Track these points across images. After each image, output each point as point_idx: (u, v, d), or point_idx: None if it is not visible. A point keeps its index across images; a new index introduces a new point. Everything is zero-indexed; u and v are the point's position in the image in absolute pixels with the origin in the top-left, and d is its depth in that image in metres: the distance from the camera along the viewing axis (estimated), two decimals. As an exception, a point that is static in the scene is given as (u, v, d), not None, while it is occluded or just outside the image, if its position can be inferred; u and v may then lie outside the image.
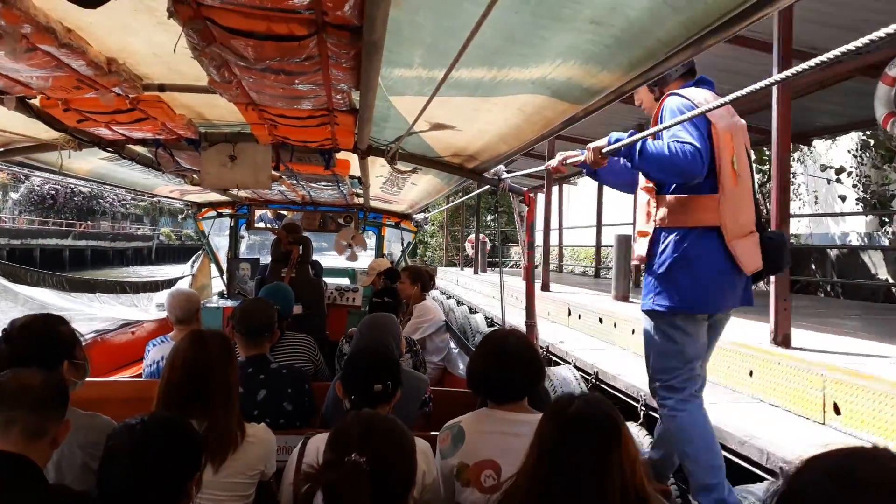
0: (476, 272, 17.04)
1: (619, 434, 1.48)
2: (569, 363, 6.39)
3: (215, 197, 6.45)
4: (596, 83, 2.06)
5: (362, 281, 6.44)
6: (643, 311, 2.99)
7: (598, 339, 7.26)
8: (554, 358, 6.89)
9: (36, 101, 2.60)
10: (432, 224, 26.00)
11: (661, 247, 2.85)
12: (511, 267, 21.00)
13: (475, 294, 13.91)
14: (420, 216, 7.43)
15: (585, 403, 1.54)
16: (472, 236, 20.10)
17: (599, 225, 15.31)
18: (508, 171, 3.78)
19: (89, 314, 5.05)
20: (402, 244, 7.92)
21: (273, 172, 3.78)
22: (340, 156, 3.69)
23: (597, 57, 1.86)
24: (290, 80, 2.00)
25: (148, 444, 1.47)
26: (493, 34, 1.67)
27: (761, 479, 3.30)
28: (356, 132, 2.91)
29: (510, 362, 2.18)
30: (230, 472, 2.08)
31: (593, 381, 5.73)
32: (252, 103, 2.43)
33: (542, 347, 6.97)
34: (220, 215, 7.12)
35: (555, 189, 15.36)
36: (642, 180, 2.96)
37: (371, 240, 7.58)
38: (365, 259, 7.33)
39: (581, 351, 6.52)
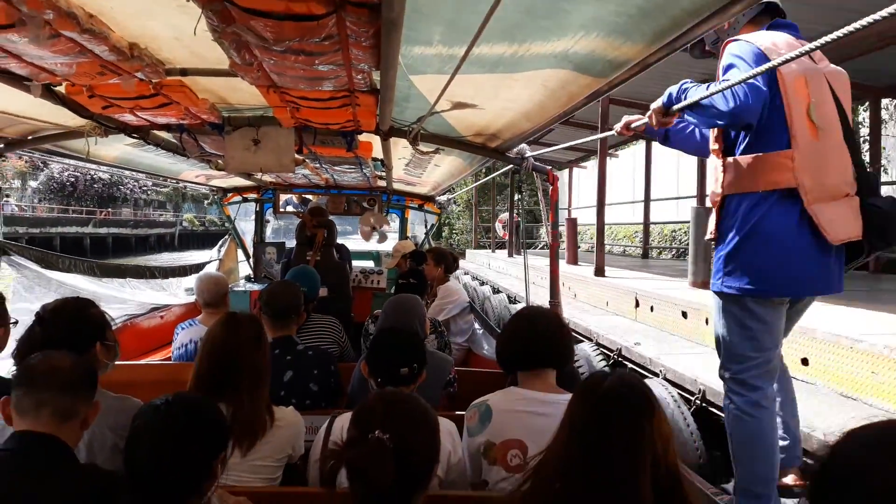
0: (511, 255, 16.03)
1: (652, 412, 1.46)
2: (656, 374, 4.92)
3: (240, 182, 6.51)
4: (619, 55, 2.02)
5: (387, 263, 6.46)
6: (712, 291, 2.63)
7: (682, 338, 5.81)
8: (630, 366, 5.47)
9: (61, 89, 2.63)
10: (457, 204, 25.73)
11: (732, 217, 2.49)
12: (541, 248, 20.72)
13: (512, 279, 12.67)
14: (443, 198, 7.42)
15: (618, 381, 1.52)
16: (503, 216, 19.70)
17: (648, 200, 14.15)
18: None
19: (120, 298, 5.13)
20: (426, 226, 7.93)
21: (296, 156, 3.79)
22: (362, 138, 3.68)
23: (620, 28, 1.82)
24: (310, 61, 2.00)
25: (171, 423, 1.48)
26: (514, 7, 1.64)
27: None
28: (378, 113, 2.90)
29: (541, 326, 2.22)
30: (258, 455, 2.09)
31: (698, 402, 4.30)
32: (273, 86, 2.43)
33: (612, 351, 5.98)
34: (245, 200, 7.20)
35: (591, 163, 14.19)
36: (711, 140, 2.61)
37: (395, 222, 7.59)
38: (388, 241, 7.35)
39: (670, 357, 4.98)
